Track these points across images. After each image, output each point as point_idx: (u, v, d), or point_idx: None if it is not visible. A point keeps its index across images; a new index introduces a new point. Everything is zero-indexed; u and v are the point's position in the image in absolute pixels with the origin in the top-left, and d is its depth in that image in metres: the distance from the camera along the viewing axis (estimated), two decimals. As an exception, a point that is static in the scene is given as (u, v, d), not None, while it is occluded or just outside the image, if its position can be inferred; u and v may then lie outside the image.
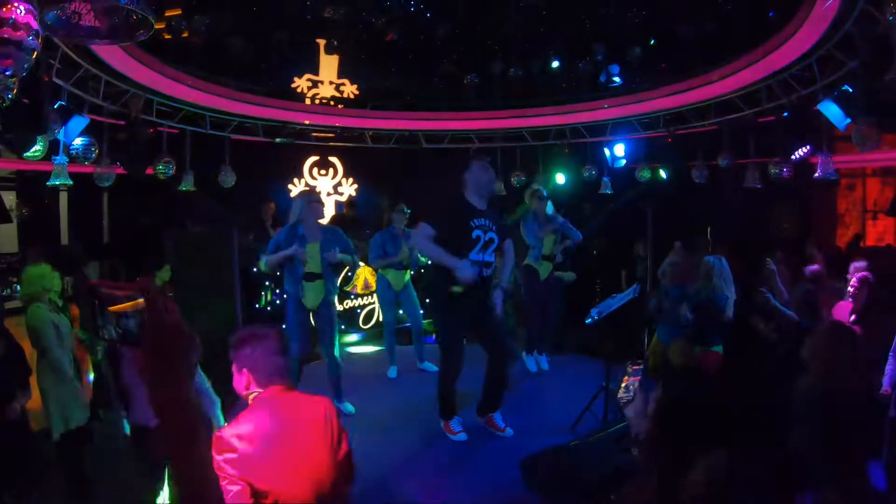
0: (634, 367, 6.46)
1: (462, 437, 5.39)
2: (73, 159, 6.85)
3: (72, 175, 7.06)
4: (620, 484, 3.70)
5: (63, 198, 10.10)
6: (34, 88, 5.26)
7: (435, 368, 7.02)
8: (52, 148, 6.66)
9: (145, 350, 1.30)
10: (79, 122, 6.66)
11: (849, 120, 6.25)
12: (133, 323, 1.52)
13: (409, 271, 7.43)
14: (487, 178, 5.39)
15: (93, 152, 7.01)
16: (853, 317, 5.08)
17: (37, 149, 6.03)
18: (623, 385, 6.31)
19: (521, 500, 4.43)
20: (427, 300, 7.40)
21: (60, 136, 6.60)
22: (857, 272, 5.34)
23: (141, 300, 1.43)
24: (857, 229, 10.03)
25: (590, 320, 5.72)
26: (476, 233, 5.20)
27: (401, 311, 7.73)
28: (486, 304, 5.40)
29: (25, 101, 5.15)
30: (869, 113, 5.60)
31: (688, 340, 4.99)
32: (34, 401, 4.51)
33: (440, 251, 5.12)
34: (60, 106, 6.43)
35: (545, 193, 7.51)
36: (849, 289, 5.17)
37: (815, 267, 6.39)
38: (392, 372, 7.39)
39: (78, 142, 6.81)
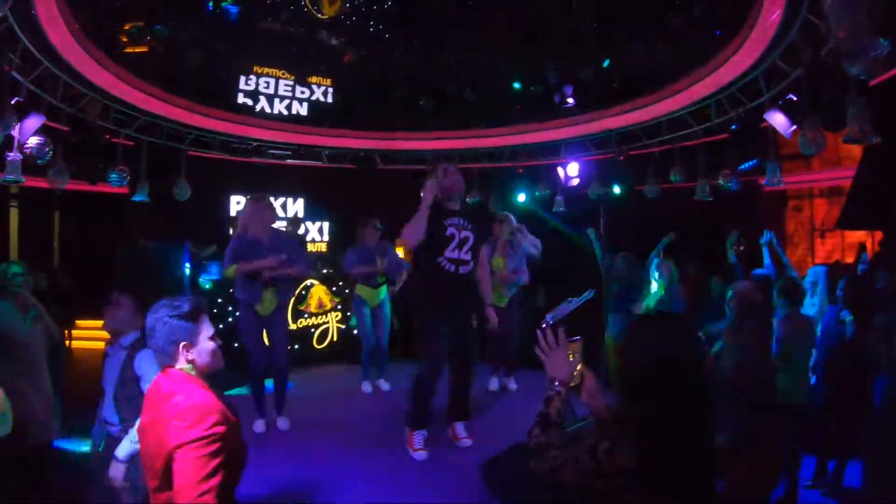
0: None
1: (421, 455, 5.04)
2: (26, 158, 6.66)
3: (22, 190, 6.84)
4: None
5: (14, 214, 9.81)
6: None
7: (388, 387, 7.16)
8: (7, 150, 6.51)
9: None
10: (35, 119, 6.52)
11: (794, 126, 6.61)
12: None
13: (384, 288, 7.34)
14: (452, 181, 5.21)
15: (47, 153, 6.83)
16: None
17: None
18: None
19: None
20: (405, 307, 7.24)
21: (15, 134, 6.43)
22: None
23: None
24: (805, 248, 10.39)
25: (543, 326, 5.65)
26: (450, 230, 5.08)
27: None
28: (468, 308, 5.29)
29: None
30: (815, 114, 5.90)
31: None
32: None
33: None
34: (17, 102, 6.31)
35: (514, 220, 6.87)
36: None
37: None
38: (366, 387, 7.27)
39: (33, 140, 6.64)
